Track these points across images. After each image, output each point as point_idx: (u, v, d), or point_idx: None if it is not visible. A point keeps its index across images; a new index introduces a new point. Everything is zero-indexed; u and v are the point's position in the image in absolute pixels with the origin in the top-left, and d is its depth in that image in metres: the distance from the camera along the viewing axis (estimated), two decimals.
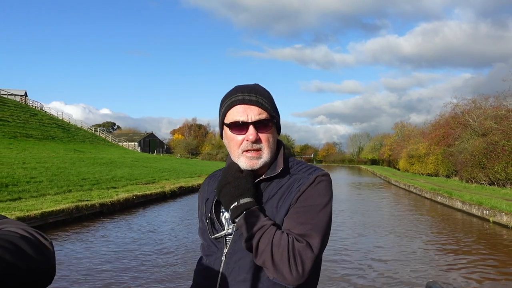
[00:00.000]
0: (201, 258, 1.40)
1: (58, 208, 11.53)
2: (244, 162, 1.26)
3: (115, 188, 17.77)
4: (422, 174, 35.01)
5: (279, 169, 1.29)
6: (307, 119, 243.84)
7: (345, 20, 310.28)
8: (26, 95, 66.38)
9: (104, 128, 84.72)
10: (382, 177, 40.37)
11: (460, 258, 8.53)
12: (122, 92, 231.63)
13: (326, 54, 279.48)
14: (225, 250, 1.28)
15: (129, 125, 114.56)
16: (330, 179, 1.30)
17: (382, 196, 22.46)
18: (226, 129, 1.30)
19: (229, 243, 1.28)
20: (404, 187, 27.14)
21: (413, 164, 37.92)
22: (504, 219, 11.77)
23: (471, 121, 25.73)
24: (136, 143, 72.40)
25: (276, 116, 1.32)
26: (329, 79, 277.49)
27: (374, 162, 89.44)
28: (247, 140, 1.25)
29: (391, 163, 61.84)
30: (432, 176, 32.25)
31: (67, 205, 12.03)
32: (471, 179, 22.40)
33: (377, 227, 12.04)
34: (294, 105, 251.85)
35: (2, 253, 0.65)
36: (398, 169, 48.92)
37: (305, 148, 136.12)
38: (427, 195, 20.58)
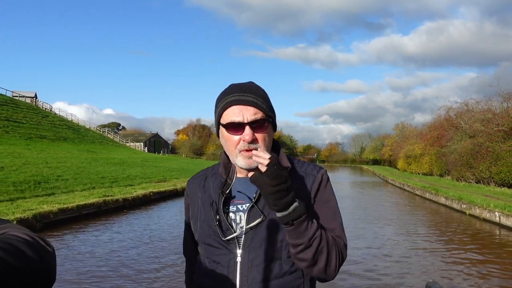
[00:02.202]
0: (203, 263, 1.37)
1: (89, 202, 13.30)
2: (242, 161, 1.26)
3: (132, 185, 19.55)
4: (419, 174, 36.65)
5: (288, 167, 1.31)
6: (310, 119, 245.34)
7: (349, 19, 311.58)
8: (36, 96, 68.17)
9: (110, 129, 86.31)
10: (381, 177, 42.10)
11: (439, 238, 10.24)
12: (125, 92, 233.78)
13: (330, 54, 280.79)
14: (239, 251, 1.27)
15: (133, 125, 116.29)
16: (326, 172, 1.39)
17: (379, 193, 24.17)
18: (222, 129, 1.30)
19: (241, 243, 1.27)
20: (399, 185, 28.96)
21: (410, 164, 39.60)
22: (477, 211, 13.53)
23: (462, 123, 27.26)
24: (142, 143, 73.76)
25: (272, 114, 1.32)
26: (332, 79, 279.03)
27: (375, 162, 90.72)
28: (243, 140, 1.24)
29: (391, 163, 63.30)
30: (427, 175, 33.90)
31: (96, 200, 13.80)
32: (461, 178, 24.07)
33: (374, 217, 13.75)
34: (297, 105, 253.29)
35: (3, 255, 0.66)
36: (398, 169, 50.45)
37: (308, 148, 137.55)
38: (417, 192, 22.40)
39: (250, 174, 1.17)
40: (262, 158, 1.12)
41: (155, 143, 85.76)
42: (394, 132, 79.17)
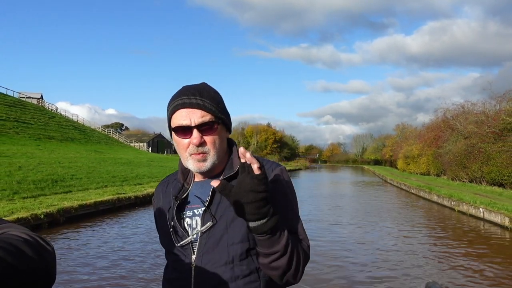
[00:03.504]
0: (167, 267, 1.38)
1: (104, 199, 14.37)
2: (192, 164, 1.27)
3: (141, 184, 20.61)
4: (417, 174, 37.64)
5: (237, 168, 1.27)
6: (313, 119, 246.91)
7: (352, 18, 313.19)
8: (42, 97, 69.23)
9: (113, 129, 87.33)
10: (381, 176, 43.14)
11: (428, 229, 11.28)
12: (128, 92, 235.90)
13: (332, 54, 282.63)
14: (194, 257, 1.27)
15: (135, 125, 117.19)
16: (286, 170, 1.35)
17: (377, 192, 25.20)
18: (173, 132, 1.30)
19: (196, 249, 1.27)
20: (396, 184, 30.11)
21: (409, 164, 40.63)
22: (465, 208, 14.62)
23: (458, 125, 28.22)
24: (145, 144, 74.66)
25: (223, 116, 1.31)
26: (335, 79, 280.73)
27: (377, 162, 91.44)
28: (192, 144, 1.25)
29: (392, 163, 64.17)
30: (424, 175, 34.93)
31: (110, 197, 14.86)
32: (455, 178, 25.06)
33: (372, 213, 14.78)
34: (300, 105, 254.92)
35: (3, 255, 0.67)
36: (398, 169, 51.37)
37: (310, 148, 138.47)
38: (413, 191, 23.55)
39: (214, 183, 1.12)
40: (255, 160, 1.07)
41: (158, 143, 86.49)
42: (395, 133, 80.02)
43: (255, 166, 1.05)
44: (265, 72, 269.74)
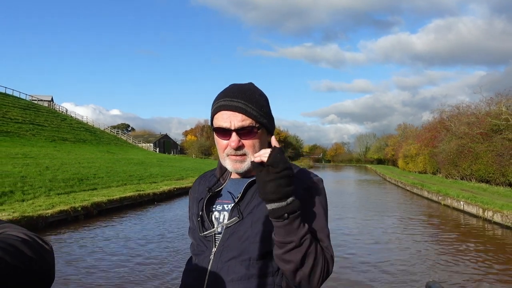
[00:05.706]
0: (190, 258, 1.42)
1: (128, 195, 16.17)
2: (229, 164, 1.31)
3: (155, 182, 22.40)
4: (415, 172, 39.29)
5: None
6: (317, 119, 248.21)
7: (356, 17, 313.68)
8: (52, 100, 71.19)
9: (119, 130, 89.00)
10: (381, 175, 44.90)
11: (416, 220, 12.98)
12: (132, 93, 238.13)
13: (337, 53, 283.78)
14: (214, 249, 1.30)
15: (140, 126, 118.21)
16: (323, 181, 1.35)
17: (375, 189, 26.91)
18: (214, 131, 1.33)
19: (218, 242, 1.30)
20: (394, 182, 31.96)
21: (408, 163, 42.28)
22: (449, 201, 16.34)
23: (452, 125, 29.78)
24: (152, 144, 76.09)
25: (265, 120, 1.31)
26: (339, 78, 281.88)
27: (380, 161, 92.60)
28: (229, 146, 1.27)
29: (394, 162, 65.60)
30: (422, 173, 36.60)
31: (132, 193, 16.66)
32: (448, 175, 26.70)
33: (373, 207, 16.50)
34: (304, 105, 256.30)
35: (2, 255, 0.67)
36: (399, 168, 52.87)
37: (314, 148, 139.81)
38: (408, 188, 25.40)
39: (255, 158, 1.13)
40: (264, 155, 1.10)
41: (165, 143, 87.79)
42: (397, 133, 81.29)
43: (264, 158, 1.10)
44: (270, 71, 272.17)
